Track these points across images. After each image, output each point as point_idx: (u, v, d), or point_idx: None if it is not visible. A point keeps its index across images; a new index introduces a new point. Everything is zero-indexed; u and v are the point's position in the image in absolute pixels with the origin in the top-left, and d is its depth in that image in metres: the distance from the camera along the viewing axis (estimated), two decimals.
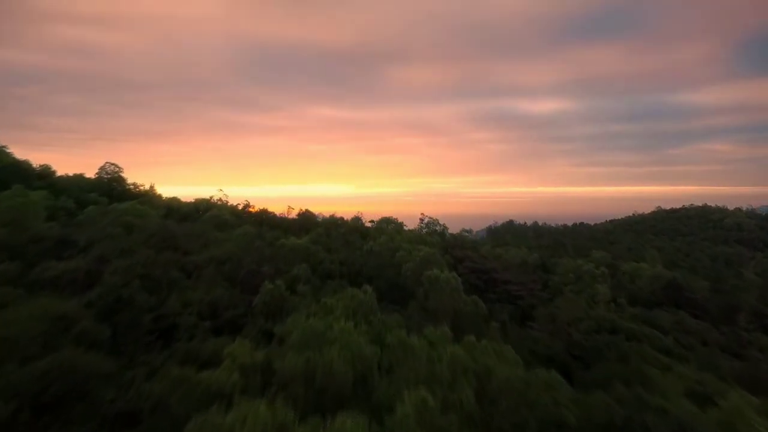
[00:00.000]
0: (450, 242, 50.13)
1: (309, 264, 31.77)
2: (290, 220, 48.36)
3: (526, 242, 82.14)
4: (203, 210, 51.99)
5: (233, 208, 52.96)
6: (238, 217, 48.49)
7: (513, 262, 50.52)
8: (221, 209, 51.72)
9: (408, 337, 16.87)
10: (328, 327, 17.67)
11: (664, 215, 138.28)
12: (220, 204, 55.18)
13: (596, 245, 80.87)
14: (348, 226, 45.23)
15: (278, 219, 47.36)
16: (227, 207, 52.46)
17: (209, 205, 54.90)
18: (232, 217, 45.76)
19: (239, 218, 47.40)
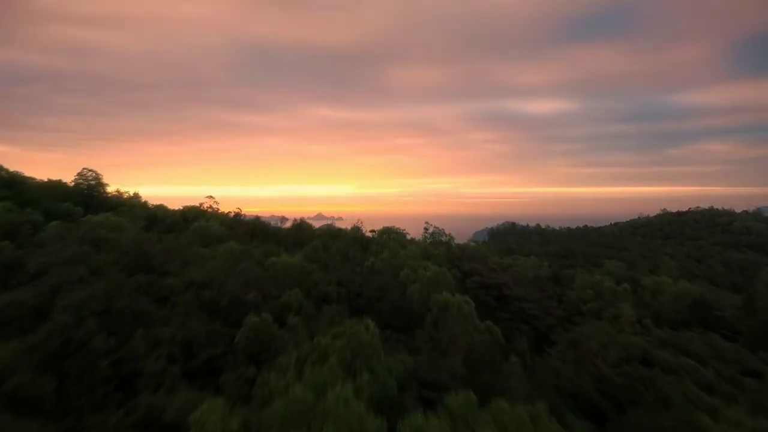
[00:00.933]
0: (457, 254, 46.16)
1: (303, 287, 27.81)
2: (284, 230, 44.30)
3: (533, 249, 78.24)
4: (191, 219, 47.97)
5: (224, 216, 48.89)
6: (229, 227, 44.46)
7: (524, 275, 46.56)
8: (211, 218, 47.70)
9: (425, 418, 12.84)
10: (320, 392, 13.79)
11: (670, 218, 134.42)
12: (210, 212, 51.14)
13: (607, 252, 76.98)
14: (347, 238, 41.23)
15: (271, 230, 43.32)
16: (217, 216, 48.41)
17: (198, 213, 50.87)
18: (222, 228, 41.74)
19: (230, 228, 43.39)
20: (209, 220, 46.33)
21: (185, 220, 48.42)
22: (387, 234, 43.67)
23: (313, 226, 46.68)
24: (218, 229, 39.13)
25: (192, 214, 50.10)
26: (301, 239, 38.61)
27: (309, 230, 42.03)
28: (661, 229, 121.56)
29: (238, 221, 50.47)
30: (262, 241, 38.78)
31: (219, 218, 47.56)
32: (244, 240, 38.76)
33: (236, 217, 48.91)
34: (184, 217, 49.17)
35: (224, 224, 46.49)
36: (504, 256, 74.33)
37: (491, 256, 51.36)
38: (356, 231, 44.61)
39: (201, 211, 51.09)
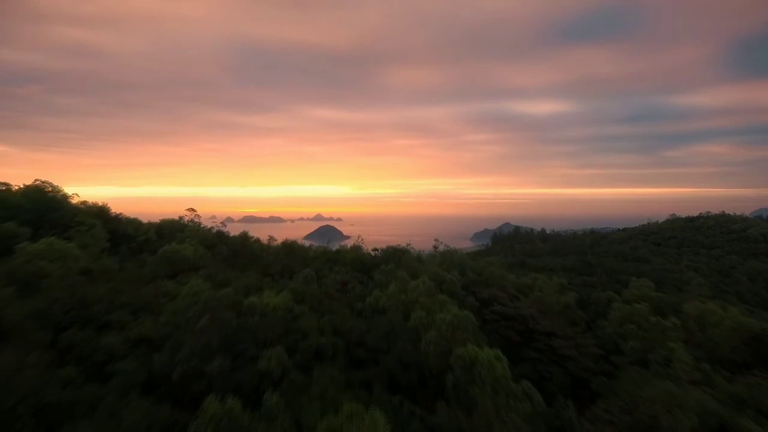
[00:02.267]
0: (472, 278, 39.75)
1: (288, 339, 21.36)
2: (272, 251, 37.66)
3: (548, 261, 71.92)
4: (168, 235, 41.41)
5: (206, 232, 42.29)
6: (209, 246, 37.96)
7: (549, 301, 40.20)
8: (189, 235, 41.13)
9: None
10: None
11: (681, 224, 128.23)
12: (192, 225, 44.56)
13: (627, 267, 70.69)
14: (346, 261, 34.76)
15: (256, 252, 36.67)
16: (198, 232, 41.90)
17: (177, 227, 44.30)
18: (199, 250, 35.29)
19: (209, 249, 36.88)
20: (187, 238, 39.79)
21: (161, 236, 41.89)
22: (393, 257, 37.17)
23: (307, 245, 40.11)
24: (193, 253, 32.64)
25: (170, 229, 43.55)
26: (291, 265, 32.15)
27: (301, 252, 35.45)
28: (674, 237, 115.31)
29: (222, 236, 43.96)
30: (245, 268, 32.35)
31: (200, 234, 41.01)
32: (223, 267, 32.26)
33: (219, 234, 42.32)
34: (160, 232, 42.63)
35: (204, 242, 39.98)
36: (517, 271, 68.06)
37: (507, 276, 44.86)
38: (356, 251, 38.17)
39: (181, 226, 44.53)
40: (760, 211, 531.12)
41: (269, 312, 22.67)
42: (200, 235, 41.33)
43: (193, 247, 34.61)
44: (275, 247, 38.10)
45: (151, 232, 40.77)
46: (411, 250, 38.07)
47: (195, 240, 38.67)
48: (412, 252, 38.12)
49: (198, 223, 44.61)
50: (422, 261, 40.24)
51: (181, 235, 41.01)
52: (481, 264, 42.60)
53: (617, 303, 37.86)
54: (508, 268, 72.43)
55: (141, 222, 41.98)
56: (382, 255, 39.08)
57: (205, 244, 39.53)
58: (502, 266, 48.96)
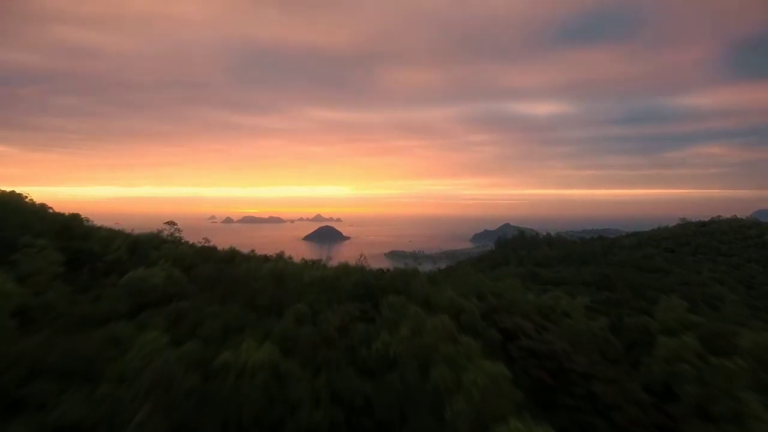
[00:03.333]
0: (492, 303, 34.23)
1: (271, 417, 15.85)
2: (261, 278, 31.74)
3: (566, 274, 66.49)
4: (143, 253, 35.76)
5: (186, 250, 36.65)
6: (188, 268, 32.34)
7: (580, 328, 34.72)
8: (168, 252, 35.52)
9: None
10: None
11: (693, 229, 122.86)
12: (171, 241, 38.94)
13: (649, 279, 65.29)
14: (347, 292, 28.95)
15: (241, 278, 30.74)
16: (178, 249, 36.27)
17: (155, 242, 38.66)
18: (176, 274, 29.69)
19: (187, 272, 31.25)
20: (162, 258, 34.18)
21: (134, 253, 36.25)
22: (401, 278, 31.58)
23: (301, 263, 34.63)
24: (165, 280, 27.04)
25: (145, 245, 37.88)
26: (282, 296, 26.48)
27: (293, 279, 29.47)
28: (687, 243, 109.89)
29: (206, 253, 38.33)
30: (227, 298, 26.77)
31: (178, 253, 35.37)
32: (199, 299, 26.63)
33: (203, 251, 36.64)
34: (134, 249, 36.98)
35: (183, 262, 34.35)
36: (530, 284, 62.56)
37: (529, 298, 39.28)
38: (359, 273, 32.58)
39: (158, 241, 38.88)
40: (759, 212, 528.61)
41: (247, 373, 17.10)
42: (179, 253, 35.66)
43: (166, 272, 28.97)
44: (265, 268, 32.37)
45: (122, 250, 35.15)
46: (421, 271, 32.50)
47: (171, 261, 33.05)
48: (422, 273, 32.52)
49: (179, 238, 39.05)
50: (435, 282, 34.69)
51: (156, 253, 35.36)
52: (501, 286, 37.03)
53: (662, 337, 32.21)
54: (522, 283, 67.01)
55: (112, 234, 36.36)
56: (389, 278, 33.50)
57: (184, 264, 33.91)
58: (519, 282, 43.32)
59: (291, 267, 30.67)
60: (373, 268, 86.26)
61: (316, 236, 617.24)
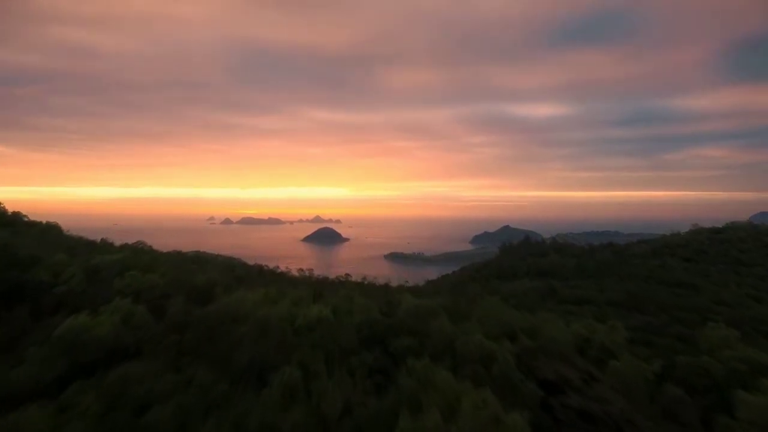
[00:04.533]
0: (527, 345, 27.96)
1: None
2: (246, 324, 25.12)
3: (584, 290, 60.31)
4: (103, 282, 29.35)
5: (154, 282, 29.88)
6: (155, 309, 25.82)
7: (632, 376, 28.56)
8: (132, 282, 29.03)
9: None
10: None
11: (708, 235, 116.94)
12: (134, 274, 32.02)
13: (676, 294, 59.21)
14: (347, 336, 22.65)
15: (215, 329, 24.01)
16: (145, 277, 29.59)
17: (119, 268, 32.14)
18: (140, 313, 23.35)
19: (151, 316, 24.73)
20: (128, 286, 27.78)
21: (91, 282, 29.79)
22: (421, 320, 25.10)
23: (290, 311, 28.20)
24: (115, 330, 20.68)
25: (108, 271, 31.43)
26: (266, 354, 20.09)
27: (281, 328, 22.63)
28: (704, 251, 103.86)
29: (179, 286, 31.76)
30: (194, 358, 20.40)
31: (145, 284, 28.87)
32: (156, 358, 20.29)
33: (174, 284, 29.45)
34: (92, 275, 30.57)
35: (152, 296, 27.96)
36: (551, 303, 56.40)
37: (566, 333, 32.99)
38: (365, 312, 26.21)
39: (122, 267, 32.32)
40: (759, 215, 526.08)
41: None
42: (146, 282, 29.22)
43: (121, 314, 22.62)
44: (250, 303, 26.00)
45: (78, 278, 28.77)
46: (442, 312, 26.24)
47: (134, 294, 26.71)
48: (443, 315, 26.24)
49: (149, 263, 32.52)
50: (460, 318, 28.51)
51: (120, 282, 28.99)
52: (535, 321, 30.81)
53: (740, 392, 26.00)
54: (541, 300, 60.86)
55: (64, 260, 29.94)
56: (402, 314, 27.20)
57: (150, 298, 27.56)
58: (555, 316, 36.94)
59: (276, 317, 24.30)
60: (377, 281, 79.71)
61: (316, 237, 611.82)
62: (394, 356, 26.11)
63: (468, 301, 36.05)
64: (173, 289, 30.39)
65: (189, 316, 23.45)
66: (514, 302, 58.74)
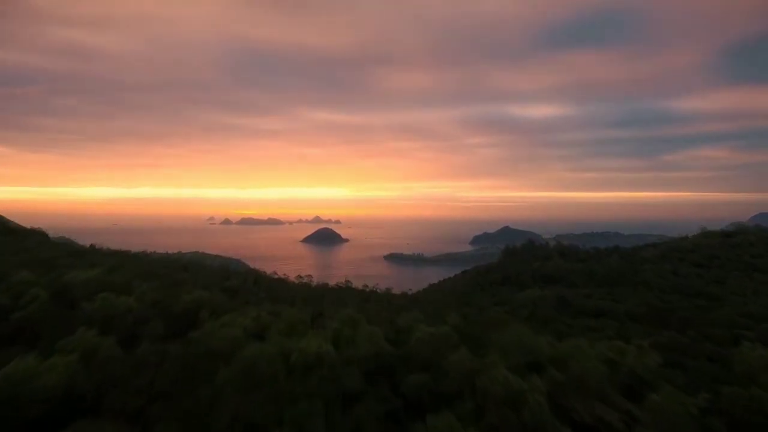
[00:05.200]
0: (558, 380, 24.21)
1: None
2: (223, 375, 21.15)
3: (599, 301, 56.54)
4: (69, 307, 25.43)
5: (133, 301, 26.05)
6: (132, 328, 21.98)
7: (676, 414, 24.86)
8: (106, 305, 25.09)
9: None
10: None
11: (718, 240, 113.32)
12: (107, 298, 27.99)
13: (697, 305, 55.55)
14: (350, 375, 18.54)
15: (198, 361, 20.16)
16: (119, 299, 25.69)
17: (86, 291, 28.25)
18: (103, 349, 19.50)
19: (129, 347, 20.92)
20: (97, 310, 23.94)
21: (57, 304, 25.89)
22: (436, 352, 21.28)
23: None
24: (64, 378, 16.79)
25: (77, 291, 27.54)
26: (253, 410, 16.14)
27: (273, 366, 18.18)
28: (716, 256, 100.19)
29: (170, 299, 27.93)
30: (161, 416, 16.55)
31: (123, 304, 25.01)
32: (121, 413, 16.50)
33: (161, 298, 25.31)
34: (59, 297, 26.65)
35: (124, 324, 24.12)
36: (569, 320, 52.56)
37: (598, 364, 29.16)
38: (372, 343, 22.41)
39: (87, 291, 28.37)
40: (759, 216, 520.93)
41: None
42: (119, 307, 25.31)
43: (78, 357, 18.77)
44: (236, 336, 22.21)
45: (40, 302, 24.94)
46: (458, 340, 22.52)
47: (103, 321, 22.90)
48: (463, 350, 22.49)
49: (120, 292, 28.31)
50: (478, 345, 24.81)
51: (89, 306, 25.15)
52: (564, 349, 26.99)
53: None
54: (554, 311, 57.06)
55: (28, 279, 26.05)
56: (415, 344, 23.42)
57: (122, 327, 23.74)
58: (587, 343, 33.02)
59: (271, 340, 20.48)
60: (379, 287, 75.46)
61: (315, 238, 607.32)
62: (406, 397, 22.38)
63: (484, 323, 32.23)
64: (152, 313, 26.40)
65: (164, 352, 19.53)
66: (526, 314, 55.01)
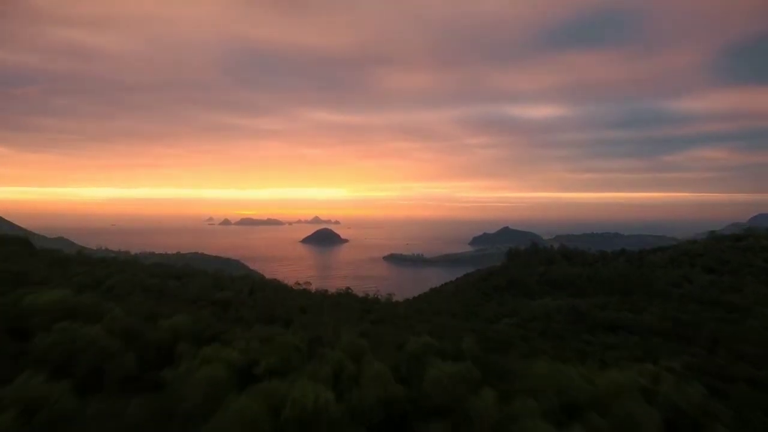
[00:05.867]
0: (599, 428, 20.58)
1: None
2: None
3: (619, 313, 52.79)
4: (17, 341, 21.62)
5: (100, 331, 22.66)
6: (93, 364, 18.50)
7: None
8: (64, 338, 21.41)
9: None
10: None
11: (729, 244, 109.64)
12: (67, 329, 24.48)
13: (723, 319, 51.85)
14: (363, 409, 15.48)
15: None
16: (83, 330, 22.29)
17: (46, 320, 24.43)
18: (58, 395, 15.96)
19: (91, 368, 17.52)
20: (54, 344, 20.04)
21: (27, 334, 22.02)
22: (450, 389, 17.99)
23: None
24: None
25: (34, 320, 23.66)
26: None
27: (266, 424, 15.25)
28: (728, 261, 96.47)
29: (139, 328, 24.17)
30: None
31: (86, 336, 21.56)
32: None
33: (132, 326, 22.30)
34: (17, 320, 22.75)
35: (81, 364, 20.26)
36: (586, 336, 48.84)
37: (642, 403, 25.40)
38: (380, 386, 18.91)
39: (46, 319, 24.50)
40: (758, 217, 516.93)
41: None
42: (81, 341, 21.31)
43: (10, 418, 14.74)
44: (213, 379, 18.36)
45: None
46: (486, 390, 18.43)
47: (54, 366, 18.78)
48: (487, 392, 18.47)
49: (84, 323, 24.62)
50: (507, 382, 20.73)
51: (45, 340, 20.94)
52: (601, 386, 23.06)
53: None
54: (569, 325, 53.32)
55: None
56: (430, 392, 19.43)
57: (82, 367, 19.60)
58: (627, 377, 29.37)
59: (259, 386, 16.16)
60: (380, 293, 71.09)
61: (315, 239, 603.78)
62: None
63: (503, 346, 28.43)
64: (121, 345, 22.04)
65: (125, 406, 15.29)
66: (540, 328, 51.34)
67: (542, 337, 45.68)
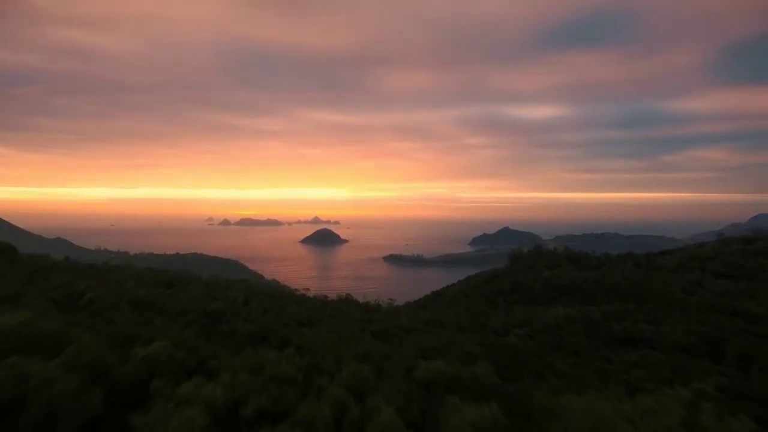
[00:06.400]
0: None
1: None
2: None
3: (638, 325, 49.59)
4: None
5: (58, 368, 20.09)
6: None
7: None
8: (18, 373, 18.37)
9: None
10: None
11: (737, 247, 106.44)
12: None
13: (744, 330, 48.68)
14: None
15: None
16: (46, 368, 19.57)
17: (17, 331, 21.27)
18: None
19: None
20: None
21: None
22: None
23: None
24: None
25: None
26: None
27: None
28: (741, 266, 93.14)
29: (110, 363, 21.14)
30: None
31: (45, 373, 18.60)
32: None
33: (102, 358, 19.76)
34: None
35: (34, 413, 17.07)
36: (603, 347, 45.61)
37: None
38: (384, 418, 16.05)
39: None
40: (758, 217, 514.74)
41: None
42: (34, 380, 17.91)
43: None
44: None
45: None
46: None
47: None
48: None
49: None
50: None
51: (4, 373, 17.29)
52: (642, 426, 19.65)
53: None
54: (585, 338, 50.01)
55: None
56: None
57: (33, 412, 16.00)
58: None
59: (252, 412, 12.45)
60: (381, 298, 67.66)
61: (314, 239, 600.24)
62: None
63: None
64: (84, 383, 18.14)
65: None
66: (552, 341, 48.00)
67: (557, 353, 42.43)
